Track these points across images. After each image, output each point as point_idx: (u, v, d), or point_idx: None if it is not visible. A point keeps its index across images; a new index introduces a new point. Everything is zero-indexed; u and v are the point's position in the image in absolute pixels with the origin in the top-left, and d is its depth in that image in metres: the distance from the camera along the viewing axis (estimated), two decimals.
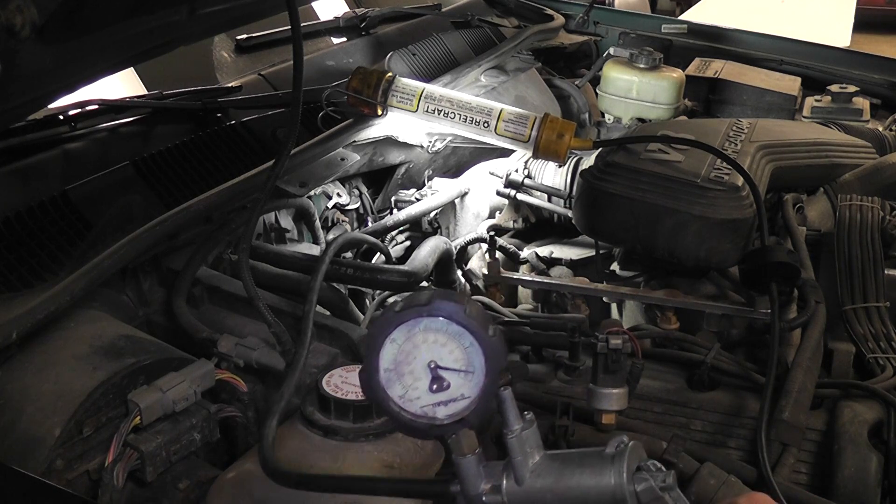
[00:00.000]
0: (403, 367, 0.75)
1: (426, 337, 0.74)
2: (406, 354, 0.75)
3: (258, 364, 1.25)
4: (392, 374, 0.75)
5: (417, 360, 0.75)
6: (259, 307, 1.26)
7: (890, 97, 2.78)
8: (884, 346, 1.63)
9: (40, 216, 1.40)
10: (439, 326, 0.74)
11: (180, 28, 1.48)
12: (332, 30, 2.58)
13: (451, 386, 0.74)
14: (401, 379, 0.75)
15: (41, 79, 1.20)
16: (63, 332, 1.22)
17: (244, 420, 1.23)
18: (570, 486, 0.73)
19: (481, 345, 0.73)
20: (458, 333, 0.74)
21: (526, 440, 0.77)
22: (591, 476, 0.72)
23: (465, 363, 0.74)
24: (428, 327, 0.74)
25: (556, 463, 0.76)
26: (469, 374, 0.74)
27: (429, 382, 0.74)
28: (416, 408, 0.75)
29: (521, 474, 0.76)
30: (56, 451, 1.05)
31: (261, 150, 1.83)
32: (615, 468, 0.71)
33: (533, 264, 2.01)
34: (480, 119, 1.85)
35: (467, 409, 0.74)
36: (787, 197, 2.00)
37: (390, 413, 0.76)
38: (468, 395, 0.74)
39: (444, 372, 0.74)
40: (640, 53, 2.52)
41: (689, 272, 1.78)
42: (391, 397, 0.76)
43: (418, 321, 0.74)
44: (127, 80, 2.23)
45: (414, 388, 0.75)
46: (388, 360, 0.75)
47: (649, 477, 0.71)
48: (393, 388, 0.76)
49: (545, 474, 0.75)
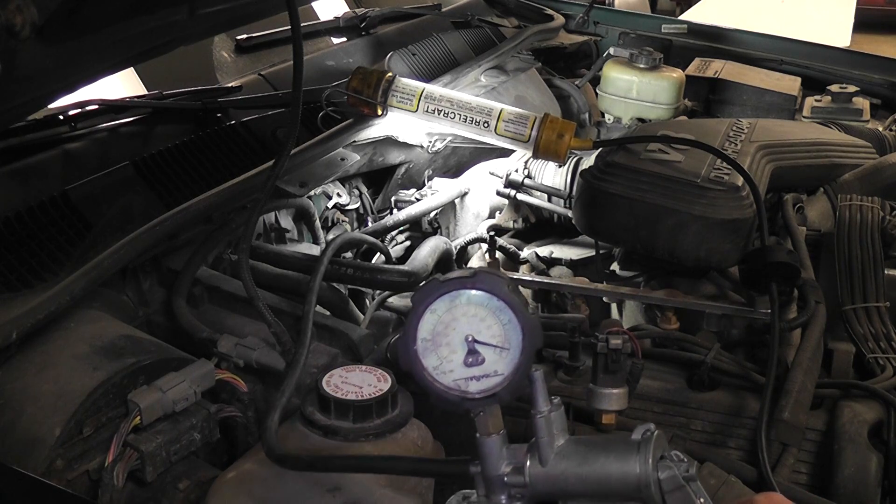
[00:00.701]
0: (441, 339, 0.75)
1: (466, 310, 0.75)
2: (445, 326, 0.75)
3: (258, 364, 1.25)
4: (429, 344, 0.76)
5: (455, 332, 0.75)
6: (259, 307, 1.26)
7: (890, 97, 2.78)
8: (884, 346, 1.63)
9: (40, 216, 1.40)
10: (481, 300, 0.74)
11: (180, 28, 1.48)
12: (332, 30, 2.58)
13: (485, 361, 0.74)
14: (437, 350, 0.75)
15: (41, 79, 1.20)
16: (63, 332, 1.22)
17: (244, 420, 1.23)
18: (593, 470, 0.74)
19: (521, 322, 0.73)
20: (498, 309, 0.74)
21: (553, 422, 0.77)
22: (616, 461, 0.73)
23: (502, 339, 0.74)
24: (470, 300, 0.75)
25: (580, 447, 0.76)
26: (505, 350, 0.74)
27: (464, 356, 0.75)
28: (449, 380, 0.75)
29: (545, 455, 0.76)
30: (56, 450, 1.05)
31: (261, 150, 1.83)
32: (641, 455, 0.72)
33: (533, 264, 2.01)
34: (480, 119, 1.85)
35: (499, 386, 0.74)
36: (787, 197, 2.00)
37: (423, 382, 0.76)
38: (501, 372, 0.74)
39: (481, 347, 0.74)
40: (640, 53, 2.52)
41: (689, 272, 1.78)
42: (426, 367, 0.76)
43: (461, 293, 0.75)
44: (127, 80, 2.23)
45: (449, 360, 0.75)
46: (427, 330, 0.76)
47: (673, 466, 0.71)
48: (428, 359, 0.76)
49: (569, 457, 0.76)
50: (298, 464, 0.93)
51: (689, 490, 0.70)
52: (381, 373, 1.12)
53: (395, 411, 1.10)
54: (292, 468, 0.94)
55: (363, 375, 1.12)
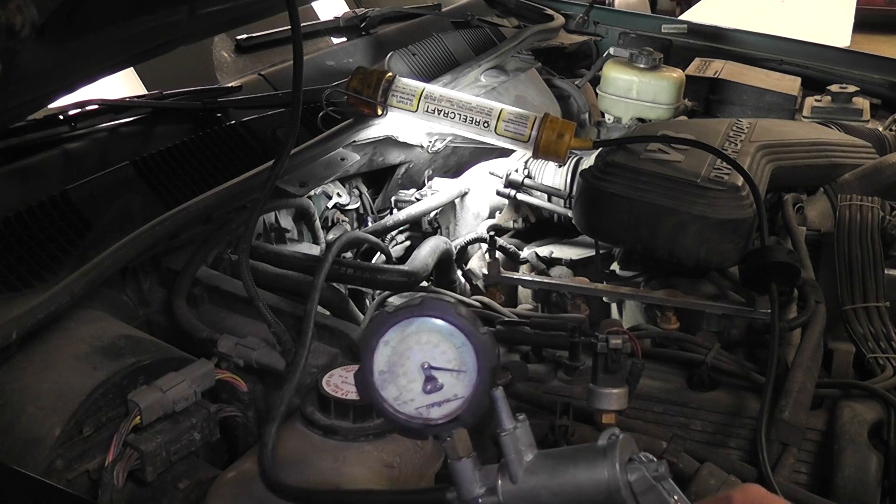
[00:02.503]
0: (398, 369, 0.76)
1: (419, 338, 0.75)
2: (400, 356, 0.76)
3: (258, 364, 1.25)
4: (387, 375, 0.76)
5: (411, 361, 0.75)
6: (259, 307, 1.26)
7: (890, 97, 2.78)
8: (884, 346, 1.63)
9: (40, 216, 1.40)
10: (431, 326, 0.75)
11: (180, 28, 1.48)
12: (332, 30, 2.58)
13: (444, 386, 0.75)
14: (395, 381, 0.76)
15: (41, 79, 1.20)
16: (63, 332, 1.22)
17: (244, 420, 1.23)
18: (564, 481, 0.74)
19: (472, 343, 0.74)
20: (449, 333, 0.75)
21: (519, 438, 0.77)
22: (585, 469, 0.73)
23: (457, 363, 0.75)
24: (420, 328, 0.75)
25: (549, 460, 0.77)
26: (462, 373, 0.74)
27: (422, 383, 0.75)
28: (412, 409, 0.76)
29: (515, 472, 0.76)
30: (56, 450, 1.05)
31: (261, 150, 1.83)
32: (608, 460, 0.72)
33: (533, 264, 2.01)
34: (480, 119, 1.85)
35: (460, 408, 0.75)
36: (787, 197, 2.00)
37: (386, 415, 0.77)
38: (461, 395, 0.75)
39: (438, 372, 0.75)
40: (640, 53, 2.52)
41: (689, 272, 1.78)
42: (386, 399, 0.76)
43: (411, 321, 0.75)
44: (127, 80, 2.23)
45: (408, 389, 0.76)
46: (383, 363, 0.76)
47: (642, 467, 0.71)
48: (388, 390, 0.76)
49: (539, 471, 0.76)
50: (288, 494, 0.94)
51: (661, 489, 0.70)
52: None
53: None
54: (283, 497, 0.94)
55: None
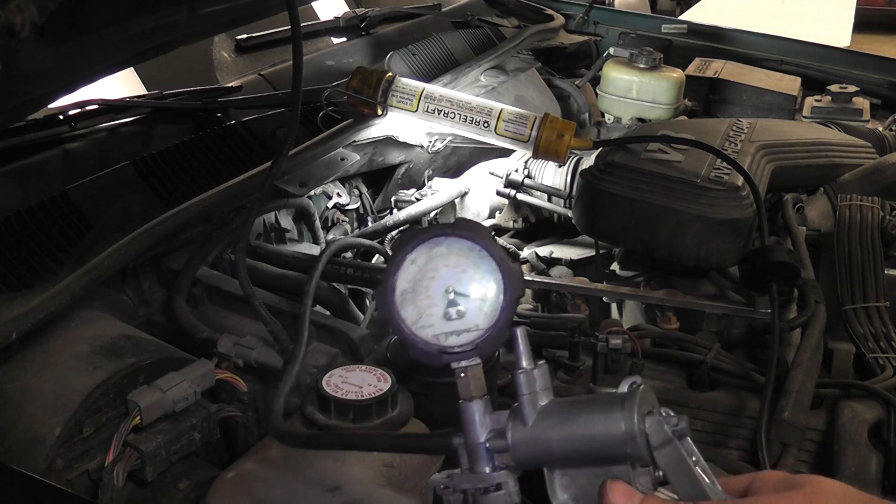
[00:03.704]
0: (421, 290, 0.72)
1: (447, 260, 0.72)
2: (424, 276, 0.72)
3: (257, 363, 1.25)
4: (409, 295, 0.72)
5: (435, 283, 0.72)
6: (255, 305, 1.26)
7: (890, 97, 2.78)
8: (884, 346, 1.63)
9: (40, 216, 1.40)
10: (461, 249, 0.71)
11: (180, 28, 1.48)
12: (332, 30, 2.58)
13: (466, 315, 0.71)
14: (416, 302, 0.72)
15: (41, 79, 1.19)
16: (63, 332, 1.22)
17: (244, 420, 1.23)
18: (577, 427, 0.69)
19: (502, 272, 0.70)
20: (479, 258, 0.71)
21: (536, 380, 0.73)
22: (600, 417, 0.68)
23: (483, 292, 0.71)
24: (451, 248, 0.72)
25: (564, 405, 0.72)
26: (485, 302, 0.71)
27: (444, 309, 0.72)
28: (429, 335, 0.72)
29: (526, 414, 0.72)
30: (56, 450, 1.05)
31: (261, 150, 1.83)
32: (625, 408, 0.67)
33: (533, 264, 2.01)
34: (480, 119, 1.85)
35: (479, 339, 0.71)
36: (787, 197, 2.00)
37: (402, 335, 0.73)
38: (482, 327, 0.71)
39: (461, 299, 0.71)
40: (640, 53, 2.52)
41: (689, 272, 1.78)
42: (405, 320, 0.72)
43: (441, 240, 0.72)
44: (127, 80, 2.23)
45: (429, 313, 0.72)
46: (407, 281, 0.72)
47: (662, 420, 0.66)
48: (407, 311, 0.72)
49: (552, 415, 0.71)
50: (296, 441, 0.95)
51: (678, 445, 0.65)
52: (381, 373, 1.12)
53: (395, 411, 1.10)
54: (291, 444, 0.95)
55: (363, 375, 1.11)
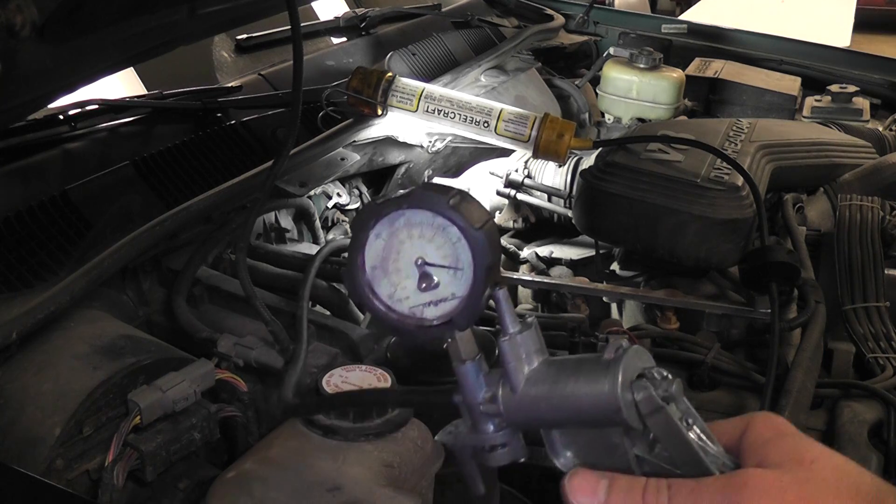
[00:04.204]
0: (390, 264, 0.69)
1: (411, 231, 0.68)
2: (391, 250, 0.69)
3: (257, 363, 1.24)
4: (378, 271, 0.70)
5: (403, 255, 0.69)
6: (255, 304, 1.26)
7: (890, 97, 2.79)
8: (884, 346, 1.63)
9: (40, 216, 1.40)
10: (423, 219, 0.68)
11: (180, 28, 1.48)
12: (332, 30, 2.58)
13: (440, 285, 0.68)
14: (388, 276, 0.69)
15: (41, 79, 1.19)
16: (63, 332, 1.22)
17: (244, 420, 1.23)
18: (564, 394, 0.66)
19: (467, 238, 0.67)
20: (442, 226, 0.67)
21: (521, 344, 0.69)
22: (586, 383, 0.65)
23: (453, 259, 0.68)
24: (411, 220, 0.68)
25: (552, 369, 0.69)
26: (458, 270, 0.67)
27: (417, 281, 0.68)
28: (405, 308, 0.69)
29: (515, 381, 0.68)
30: (56, 450, 1.05)
31: (261, 150, 1.83)
32: (609, 378, 0.63)
33: (533, 264, 2.01)
34: (480, 119, 1.85)
35: (456, 310, 0.68)
36: (787, 197, 2.00)
37: (377, 313, 0.70)
38: (459, 295, 0.68)
39: (432, 269, 0.68)
40: (640, 53, 2.52)
41: (689, 272, 1.78)
42: (379, 296, 0.70)
43: (400, 213, 0.68)
44: (127, 80, 2.23)
45: (402, 287, 0.69)
46: (374, 257, 0.69)
47: (650, 385, 0.63)
48: (380, 287, 0.70)
49: (540, 382, 0.68)
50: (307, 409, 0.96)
51: (668, 412, 0.62)
52: (381, 373, 1.12)
53: (395, 411, 1.10)
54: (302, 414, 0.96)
55: (363, 375, 1.11)
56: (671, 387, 0.63)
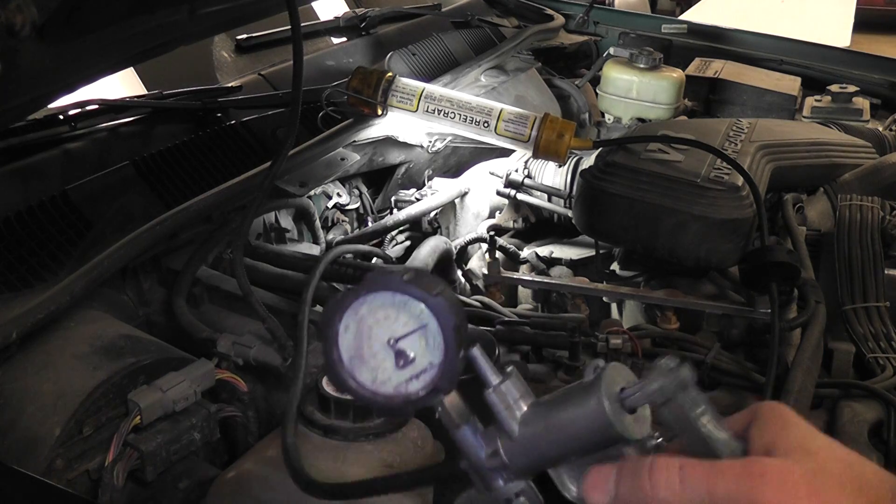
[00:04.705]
0: (364, 351, 0.72)
1: (376, 315, 0.71)
2: (362, 337, 0.72)
3: (255, 361, 1.24)
4: (356, 360, 0.72)
5: (374, 339, 0.71)
6: (251, 301, 1.26)
7: (890, 97, 2.78)
8: (884, 346, 1.63)
9: (40, 216, 1.40)
10: (384, 300, 0.71)
11: (180, 28, 1.48)
12: (332, 30, 2.58)
13: (416, 358, 0.70)
14: (365, 363, 0.72)
15: (41, 79, 1.20)
16: (63, 332, 1.22)
17: (244, 420, 1.23)
18: (559, 426, 0.69)
19: (429, 307, 0.69)
20: (403, 302, 0.70)
21: (507, 392, 0.72)
22: (575, 408, 0.68)
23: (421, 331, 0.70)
24: (373, 304, 0.71)
25: (542, 408, 0.72)
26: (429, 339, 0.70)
27: (394, 360, 0.71)
28: (390, 388, 0.71)
29: (509, 428, 0.72)
30: (56, 450, 1.05)
31: (261, 150, 1.83)
32: (593, 395, 0.66)
33: (533, 264, 2.01)
34: (480, 119, 1.85)
35: (437, 376, 0.70)
36: (787, 197, 2.00)
37: (365, 400, 0.72)
38: (436, 362, 0.70)
39: (405, 345, 0.70)
40: (640, 53, 2.52)
41: (689, 272, 1.78)
42: (363, 385, 0.72)
43: (362, 301, 0.71)
44: (127, 80, 2.24)
45: (382, 369, 0.71)
46: (348, 348, 0.72)
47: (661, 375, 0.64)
48: (361, 374, 0.72)
49: (534, 421, 0.71)
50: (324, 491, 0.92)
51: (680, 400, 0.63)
52: None
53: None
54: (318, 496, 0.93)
55: None
56: (682, 375, 0.64)
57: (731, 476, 0.60)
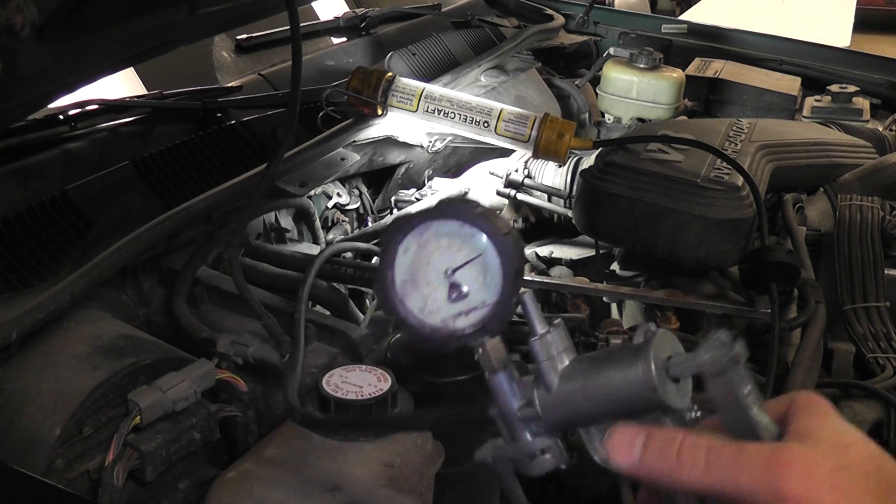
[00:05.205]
0: (419, 277, 0.70)
1: (439, 242, 0.70)
2: (420, 262, 0.70)
3: (254, 359, 1.24)
4: (409, 285, 0.70)
5: (432, 267, 0.70)
6: (247, 298, 1.26)
7: (890, 97, 2.78)
8: (884, 346, 1.63)
9: (40, 216, 1.40)
10: (451, 229, 0.69)
11: (180, 28, 1.48)
12: (332, 30, 2.58)
13: (470, 294, 0.69)
14: (418, 289, 0.70)
15: (41, 79, 1.20)
16: (63, 332, 1.22)
17: (244, 420, 1.23)
18: (599, 385, 0.67)
19: (495, 244, 0.68)
20: (470, 235, 0.69)
21: (551, 343, 0.70)
22: (619, 370, 0.66)
23: (481, 268, 0.69)
24: (439, 231, 0.69)
25: (584, 364, 0.70)
26: (487, 277, 0.69)
27: (447, 292, 0.69)
28: (437, 320, 0.70)
29: (549, 379, 0.70)
30: (56, 450, 1.05)
31: (261, 150, 1.83)
32: (642, 360, 0.65)
33: (533, 264, 2.01)
34: (480, 119, 1.85)
35: (487, 316, 0.69)
36: (787, 197, 2.00)
37: (410, 326, 0.71)
38: (489, 302, 0.69)
39: (462, 278, 0.69)
40: (640, 53, 2.52)
41: (689, 272, 1.78)
42: (411, 311, 0.70)
43: (428, 225, 0.70)
44: (127, 80, 2.23)
45: (433, 298, 0.70)
46: (404, 271, 0.70)
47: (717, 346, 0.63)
48: (412, 300, 0.70)
49: (574, 377, 0.69)
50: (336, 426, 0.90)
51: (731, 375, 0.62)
52: (381, 372, 1.12)
53: (395, 411, 1.10)
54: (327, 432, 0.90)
55: (363, 375, 1.12)
56: (736, 350, 0.63)
57: (757, 463, 0.59)
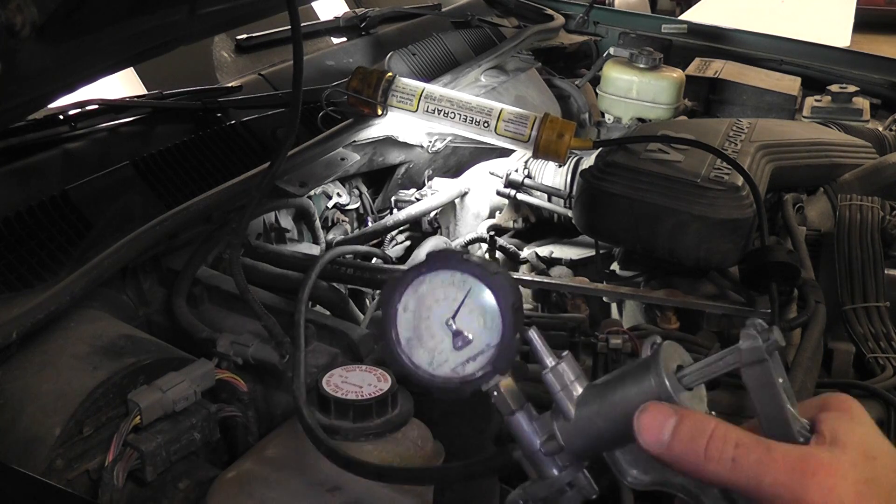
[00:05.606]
0: (423, 332, 0.72)
1: (435, 295, 0.71)
2: (420, 318, 0.72)
3: (254, 359, 1.24)
4: (413, 341, 0.72)
5: (433, 320, 0.72)
6: (247, 298, 1.26)
7: (890, 97, 2.78)
8: (884, 346, 1.63)
9: (40, 216, 1.40)
10: (444, 279, 0.71)
11: (180, 28, 1.48)
12: (332, 30, 2.58)
13: (473, 339, 0.71)
14: (423, 344, 0.72)
15: (41, 79, 1.19)
16: (63, 332, 1.22)
17: (244, 420, 1.23)
18: (615, 403, 0.68)
19: (488, 284, 0.70)
20: (462, 282, 0.71)
21: (563, 373, 0.72)
22: (633, 385, 0.67)
23: (480, 311, 0.70)
24: (433, 283, 0.71)
25: (598, 388, 0.71)
26: (487, 320, 0.70)
27: (451, 341, 0.71)
28: (447, 370, 0.72)
29: (566, 409, 0.71)
30: (56, 450, 1.05)
31: (261, 150, 1.83)
32: (653, 373, 0.66)
33: (533, 264, 2.01)
34: (480, 119, 1.85)
35: (494, 358, 0.70)
36: (787, 197, 2.00)
37: (421, 381, 0.72)
38: (493, 343, 0.70)
39: (463, 325, 0.71)
40: (640, 53, 2.52)
41: (689, 272, 1.78)
42: (419, 366, 0.72)
43: (422, 280, 0.72)
44: (127, 80, 2.23)
45: (439, 350, 0.72)
46: (406, 328, 0.72)
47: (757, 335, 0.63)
48: (418, 356, 0.72)
49: (590, 401, 0.71)
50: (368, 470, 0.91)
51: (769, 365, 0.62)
52: (381, 372, 1.12)
53: (395, 411, 1.10)
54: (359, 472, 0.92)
55: (363, 375, 1.12)
56: (771, 335, 0.63)
57: (783, 466, 0.59)
